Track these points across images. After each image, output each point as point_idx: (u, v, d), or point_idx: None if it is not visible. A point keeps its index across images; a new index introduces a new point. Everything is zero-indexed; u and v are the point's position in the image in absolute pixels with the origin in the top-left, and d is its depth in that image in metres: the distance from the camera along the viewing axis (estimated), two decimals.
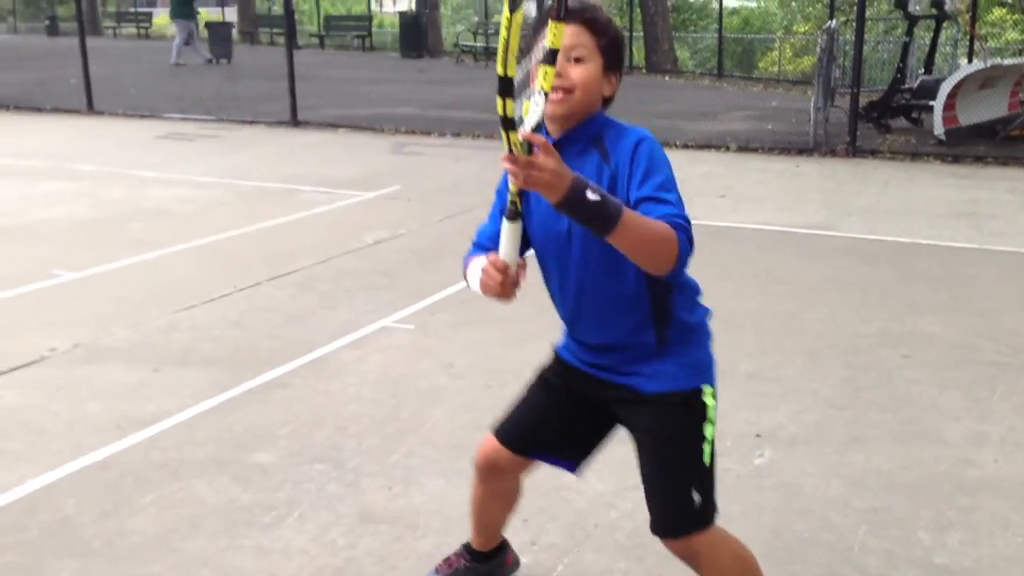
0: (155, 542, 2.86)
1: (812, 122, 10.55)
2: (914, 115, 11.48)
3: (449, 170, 9.45)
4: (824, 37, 10.78)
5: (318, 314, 4.99)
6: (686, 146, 10.64)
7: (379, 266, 5.89)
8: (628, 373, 2.09)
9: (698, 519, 2.08)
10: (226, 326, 4.79)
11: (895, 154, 10.09)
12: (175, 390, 3.98)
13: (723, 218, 7.18)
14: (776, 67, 22.55)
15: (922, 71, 12.35)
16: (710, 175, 9.06)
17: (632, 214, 1.79)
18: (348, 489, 3.17)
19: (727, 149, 10.50)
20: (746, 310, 5.04)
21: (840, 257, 6.16)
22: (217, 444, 3.50)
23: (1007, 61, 11.89)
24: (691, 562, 2.14)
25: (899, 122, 11.52)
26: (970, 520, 2.99)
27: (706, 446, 2.08)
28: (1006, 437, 3.58)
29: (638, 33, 21.41)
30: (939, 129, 10.27)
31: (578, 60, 1.96)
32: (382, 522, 2.97)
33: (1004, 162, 9.62)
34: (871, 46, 15.89)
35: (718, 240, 6.58)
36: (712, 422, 2.09)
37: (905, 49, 11.86)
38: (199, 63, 20.51)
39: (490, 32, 24.57)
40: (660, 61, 20.90)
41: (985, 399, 3.91)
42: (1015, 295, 5.37)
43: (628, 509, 2.98)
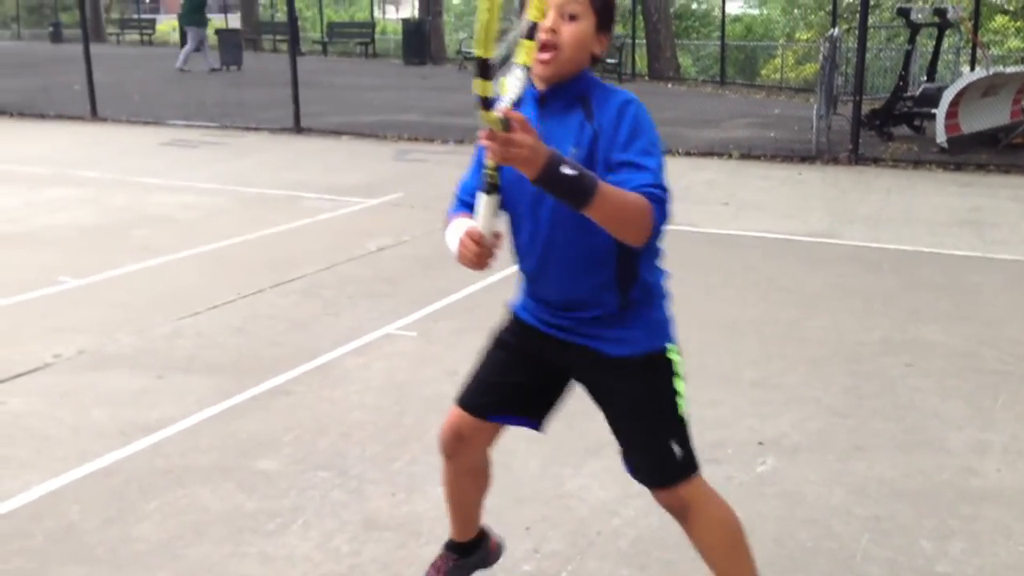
0: (159, 549, 2.87)
1: (815, 130, 10.57)
2: (916, 123, 11.49)
3: (452, 177, 9.35)
4: (827, 45, 10.80)
5: (322, 321, 5.00)
6: (689, 153, 10.65)
7: (382, 273, 5.90)
8: (590, 336, 2.12)
9: (683, 468, 2.15)
10: (230, 333, 4.80)
11: (897, 162, 10.10)
12: (179, 397, 3.99)
13: (726, 226, 7.20)
14: (779, 74, 22.59)
15: (924, 79, 12.37)
16: (713, 182, 9.07)
17: (607, 188, 1.81)
18: (352, 496, 3.18)
19: (730, 156, 10.52)
20: (749, 317, 5.05)
21: (843, 265, 6.17)
22: (221, 451, 3.51)
23: (1009, 69, 11.90)
24: (682, 514, 2.19)
25: (901, 130, 11.53)
26: (972, 529, 3.00)
27: (679, 399, 2.14)
28: (1008, 446, 3.58)
29: (640, 40, 21.45)
30: (941, 137, 10.28)
31: (572, 17, 1.96)
32: (386, 529, 2.98)
33: (1006, 170, 9.63)
34: (873, 53, 15.91)
35: (721, 248, 6.60)
36: (680, 376, 2.14)
37: (907, 57, 11.87)
38: (203, 70, 20.56)
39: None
40: (663, 68, 20.94)
41: (988, 408, 3.92)
42: (1018, 304, 5.38)
43: (631, 516, 2.99)
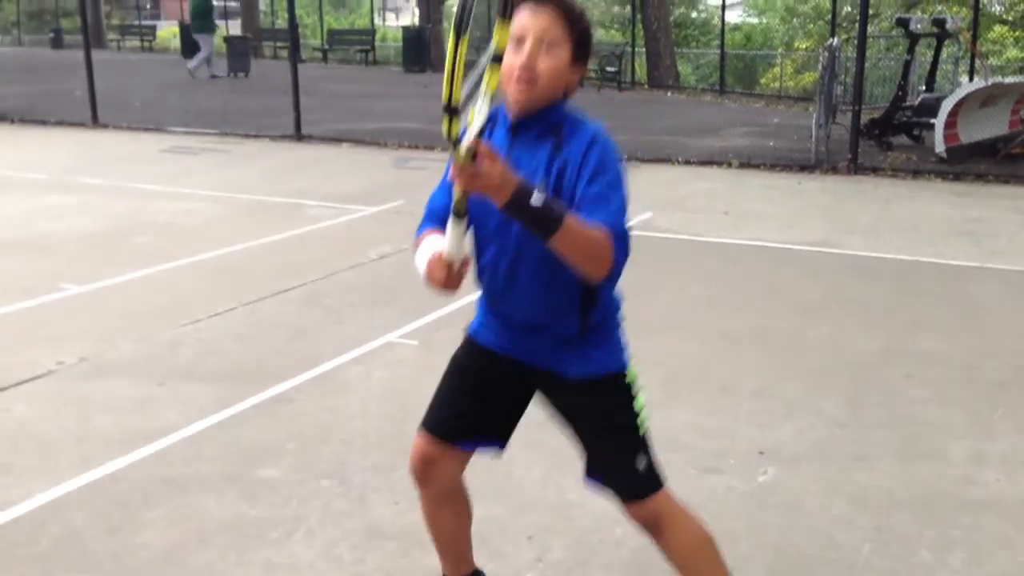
0: (164, 557, 2.88)
1: (814, 139, 10.61)
2: (915, 132, 11.53)
3: None
4: (826, 55, 10.84)
5: (323, 329, 5.02)
6: (689, 162, 10.68)
7: (383, 281, 5.92)
8: (550, 358, 2.16)
9: (650, 482, 2.19)
10: (232, 341, 4.82)
11: (896, 171, 10.13)
12: (181, 405, 4.00)
13: (726, 235, 7.22)
14: (778, 83, 22.65)
15: (923, 88, 12.42)
16: (713, 191, 9.10)
17: (573, 221, 1.84)
18: (355, 505, 3.19)
19: (729, 165, 10.54)
20: (749, 327, 5.07)
21: (842, 274, 6.19)
22: (224, 459, 3.52)
23: (1008, 80, 11.96)
24: (654, 527, 2.22)
25: (900, 139, 11.56)
26: (973, 539, 3.01)
27: (640, 417, 2.18)
28: (1008, 456, 3.60)
29: (640, 49, 21.50)
30: (940, 147, 10.32)
31: (549, 48, 1.97)
32: (389, 538, 3.00)
33: (1005, 180, 9.67)
34: (872, 62, 15.96)
35: (721, 257, 6.62)
36: (639, 395, 2.19)
37: (906, 67, 11.91)
38: (205, 77, 20.58)
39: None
40: (662, 77, 20.99)
41: (987, 418, 3.94)
42: (1017, 314, 5.40)
43: (632, 526, 2.99)
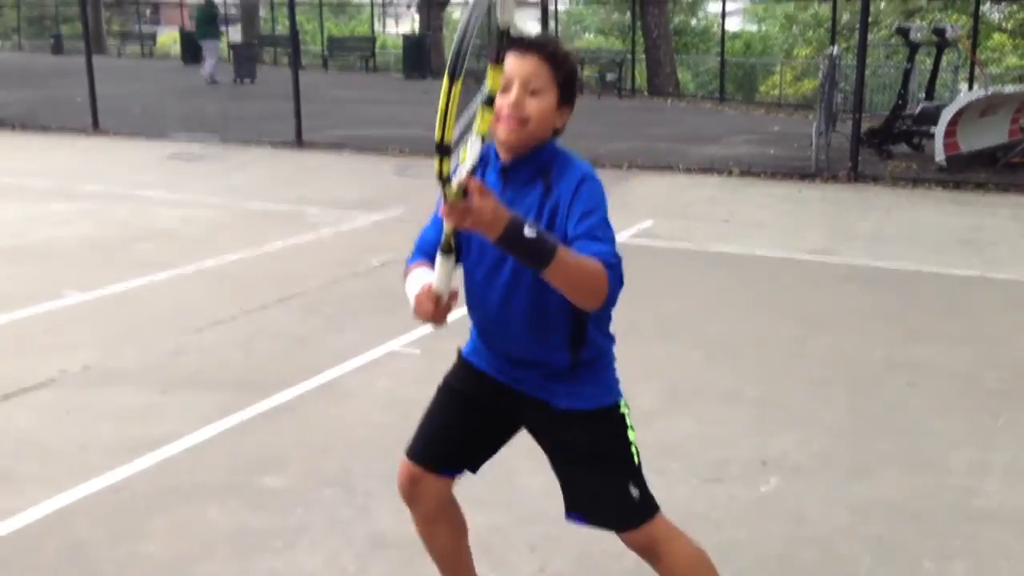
0: (168, 566, 2.89)
1: (814, 147, 10.62)
2: (915, 141, 11.55)
3: None
4: (826, 63, 10.87)
5: (325, 337, 5.03)
6: (689, 170, 10.70)
7: (385, 289, 5.92)
8: (541, 389, 2.19)
9: (644, 508, 2.20)
10: (234, 349, 4.83)
11: (897, 180, 10.15)
12: (184, 413, 4.01)
13: (727, 243, 7.23)
14: (777, 90, 22.70)
15: (922, 95, 12.44)
16: (713, 199, 9.12)
17: (566, 252, 1.87)
18: (359, 513, 3.20)
19: (730, 173, 10.56)
20: (750, 336, 5.08)
21: (843, 284, 6.20)
22: (227, 468, 3.53)
23: (1008, 89, 11.98)
24: (652, 552, 2.22)
25: (900, 148, 11.59)
26: (974, 549, 3.02)
27: (632, 448, 2.20)
28: (1009, 466, 3.61)
29: (640, 56, 21.55)
30: (940, 155, 10.34)
31: (535, 92, 2.02)
32: (393, 547, 3.00)
33: (1005, 189, 9.68)
34: (871, 70, 16.00)
35: (722, 265, 6.63)
36: (631, 428, 2.22)
37: (906, 76, 11.94)
38: (207, 82, 20.61)
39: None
40: (662, 84, 21.04)
41: (988, 428, 3.95)
42: (1018, 324, 5.41)
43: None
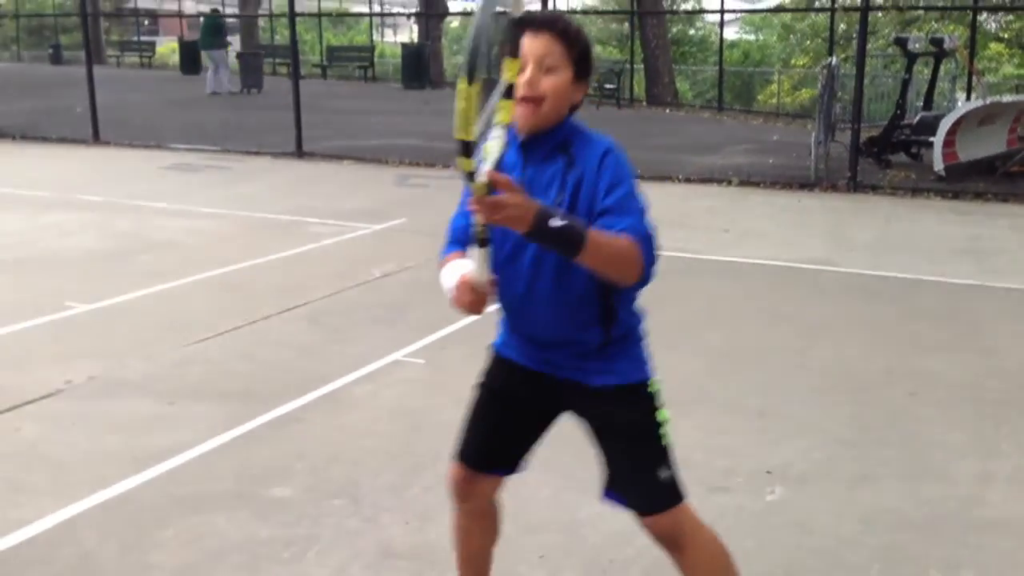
0: None
1: (813, 157, 10.66)
2: (913, 150, 11.60)
3: (454, 202, 9.45)
4: (825, 73, 10.91)
5: (330, 348, 5.04)
6: (689, 180, 10.74)
7: (388, 299, 5.95)
8: (573, 368, 2.18)
9: (671, 494, 2.19)
10: (239, 359, 4.84)
11: (896, 190, 10.19)
12: (191, 424, 4.02)
13: (727, 253, 7.26)
14: (775, 99, 22.78)
15: (919, 104, 12.49)
16: (713, 209, 9.15)
17: (596, 235, 1.88)
18: (367, 524, 3.21)
19: (729, 183, 10.59)
20: (752, 346, 5.10)
21: (844, 293, 6.23)
22: (235, 478, 3.54)
23: (1006, 98, 12.03)
24: (673, 542, 2.21)
25: (899, 157, 11.63)
26: (981, 558, 3.04)
27: (663, 429, 2.19)
28: (1013, 476, 3.63)
29: (639, 66, 21.62)
30: (939, 165, 10.38)
31: (549, 70, 2.01)
32: (401, 557, 3.02)
33: (1004, 198, 9.72)
34: (868, 80, 16.05)
35: (723, 276, 6.65)
36: (662, 408, 2.20)
37: (904, 86, 12.00)
38: (208, 92, 20.65)
39: (492, 64, 24.78)
40: (661, 94, 21.10)
41: (991, 438, 3.97)
42: (1019, 333, 5.43)
43: (644, 545, 3.00)
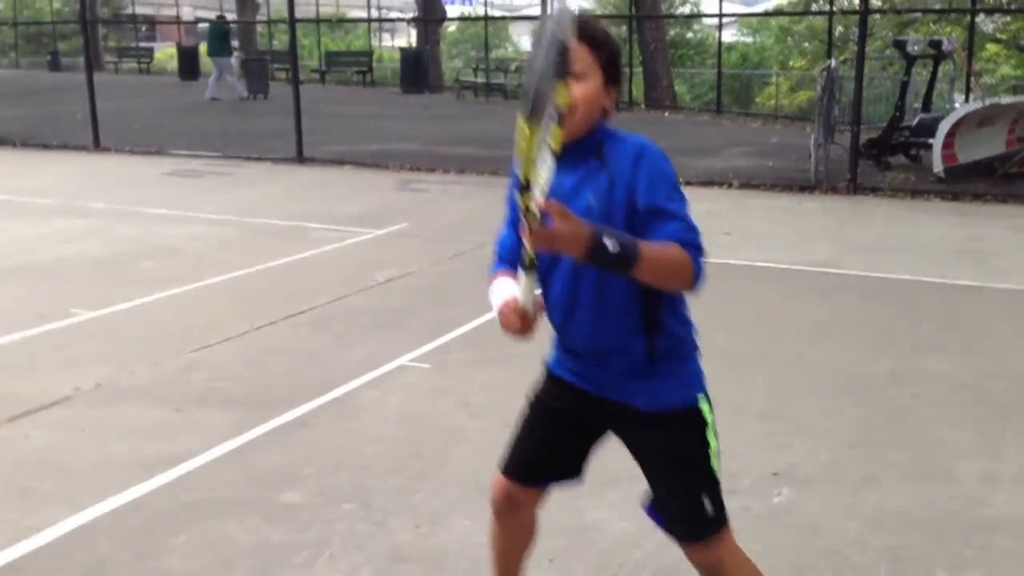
0: None
1: (813, 159, 10.70)
2: (912, 152, 11.63)
3: (456, 207, 9.56)
4: (824, 76, 10.95)
5: (335, 353, 5.06)
6: (689, 183, 10.74)
7: (392, 304, 5.97)
8: (621, 389, 2.15)
9: (715, 523, 2.17)
10: (245, 366, 4.86)
11: (896, 191, 10.22)
12: (199, 430, 4.04)
13: (729, 256, 7.27)
14: (773, 101, 22.81)
15: (917, 106, 12.52)
16: (714, 212, 9.16)
17: (648, 250, 1.89)
18: (376, 528, 3.23)
19: (729, 186, 10.62)
20: (756, 349, 5.12)
21: (846, 295, 6.25)
22: (244, 484, 3.56)
23: (1005, 100, 12.07)
24: (713, 571, 2.21)
25: (898, 159, 11.66)
26: (986, 558, 3.06)
27: (711, 453, 2.16)
28: (1017, 476, 3.65)
29: (637, 69, 21.66)
30: (938, 166, 10.41)
31: (578, 77, 2.00)
32: (411, 561, 3.03)
33: (1003, 199, 9.75)
34: (866, 81, 16.09)
35: (725, 278, 6.65)
36: (713, 430, 2.17)
37: (903, 88, 12.03)
38: (207, 97, 20.68)
39: (491, 68, 24.85)
40: (660, 97, 21.14)
41: (995, 438, 3.99)
42: (1021, 334, 5.46)
43: (653, 549, 3.04)
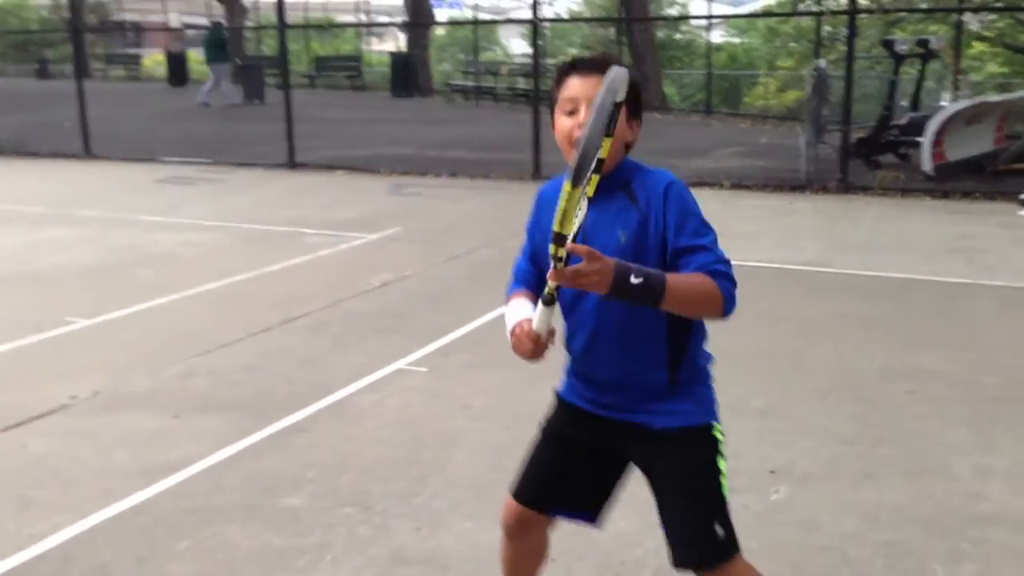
0: None
1: (803, 159, 10.75)
2: (902, 151, 11.70)
3: (449, 211, 9.58)
4: (814, 76, 11.00)
5: (332, 358, 5.08)
6: None
7: (388, 309, 5.99)
8: (637, 410, 2.16)
9: (725, 548, 2.15)
10: (243, 371, 4.87)
11: (886, 190, 10.29)
12: (198, 436, 4.05)
13: None
14: (763, 101, 22.89)
15: (904, 104, 12.60)
16: (705, 213, 9.15)
17: (674, 282, 1.92)
18: (378, 532, 3.25)
19: (721, 187, 10.67)
20: (753, 348, 5.15)
21: (839, 294, 6.29)
22: (245, 489, 3.57)
23: (993, 98, 12.15)
24: None
25: (887, 158, 11.73)
26: (982, 552, 3.09)
27: (722, 478, 2.16)
28: (1011, 470, 3.69)
29: None
30: (928, 165, 10.48)
31: None
32: (414, 564, 3.05)
33: (992, 197, 9.82)
34: (855, 79, 16.18)
35: None
36: (724, 456, 2.18)
37: (892, 87, 12.10)
38: (197, 101, 20.65)
39: (480, 71, 24.88)
40: (650, 99, 21.14)
41: (989, 433, 4.03)
42: (1012, 329, 5.51)
43: (653, 547, 3.06)
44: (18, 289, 6.56)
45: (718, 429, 2.19)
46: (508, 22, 30.95)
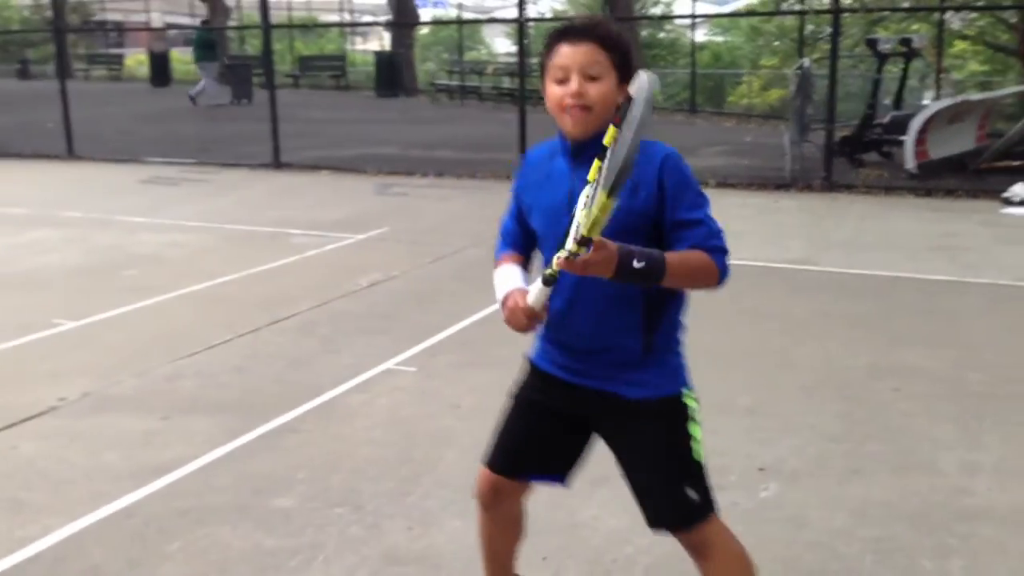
0: None
1: (788, 157, 10.81)
2: (885, 149, 11.78)
3: (435, 210, 9.59)
4: (799, 73, 11.06)
5: (321, 358, 5.08)
6: None
7: (376, 309, 5.99)
8: (608, 378, 2.20)
9: (700, 510, 2.20)
10: (231, 372, 4.87)
11: (870, 188, 10.35)
12: (188, 437, 4.05)
13: None
14: (746, 100, 22.99)
15: (888, 102, 12.68)
16: None
17: (674, 261, 1.99)
18: (369, 531, 3.26)
19: (706, 185, 10.52)
20: (739, 346, 5.19)
21: (824, 292, 6.34)
22: (236, 490, 3.57)
23: (975, 96, 12.24)
24: (700, 552, 2.23)
25: (870, 156, 11.81)
26: (970, 547, 3.13)
27: (695, 444, 2.20)
28: (997, 466, 3.73)
29: None
30: (911, 163, 10.55)
31: (594, 78, 2.07)
32: (406, 563, 3.06)
33: (975, 194, 9.90)
34: (839, 77, 16.27)
35: None
36: (696, 421, 2.22)
37: (875, 86, 12.18)
38: (191, 94, 20.56)
39: (465, 71, 24.87)
40: None
41: (975, 429, 4.07)
42: (996, 327, 5.56)
43: (644, 544, 3.08)
44: (3, 291, 6.52)
45: (689, 396, 2.23)
46: (493, 21, 30.96)
